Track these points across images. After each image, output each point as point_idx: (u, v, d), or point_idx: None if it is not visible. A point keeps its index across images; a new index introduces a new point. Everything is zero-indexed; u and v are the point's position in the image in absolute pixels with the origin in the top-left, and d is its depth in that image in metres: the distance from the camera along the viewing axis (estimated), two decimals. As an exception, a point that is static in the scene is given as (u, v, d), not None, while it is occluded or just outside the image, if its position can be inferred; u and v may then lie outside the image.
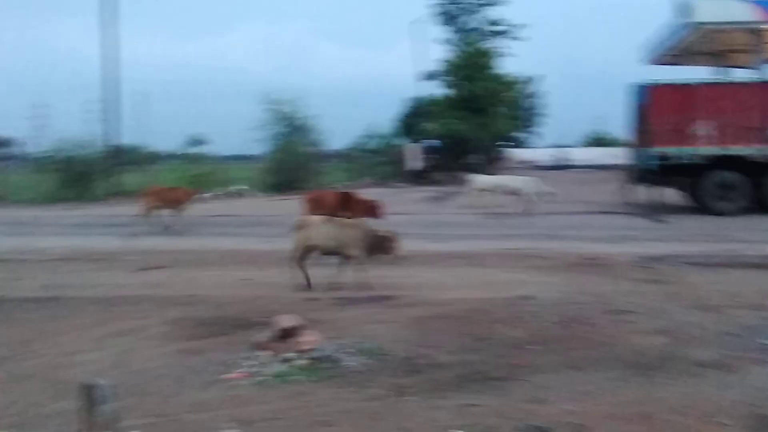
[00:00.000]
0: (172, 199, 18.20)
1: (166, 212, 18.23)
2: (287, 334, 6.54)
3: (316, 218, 10.53)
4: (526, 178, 21.09)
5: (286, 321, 6.66)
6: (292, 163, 32.48)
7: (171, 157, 46.48)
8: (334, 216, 13.42)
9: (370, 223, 10.85)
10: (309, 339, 6.57)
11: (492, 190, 21.24)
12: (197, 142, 39.35)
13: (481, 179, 22.69)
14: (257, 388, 5.84)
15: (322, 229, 10.07)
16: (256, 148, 38.74)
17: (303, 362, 6.29)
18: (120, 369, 6.44)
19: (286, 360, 6.32)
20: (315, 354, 6.40)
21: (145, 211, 17.97)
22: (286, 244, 14.53)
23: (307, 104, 37.66)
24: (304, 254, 10.22)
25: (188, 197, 18.59)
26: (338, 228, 10.08)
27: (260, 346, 6.57)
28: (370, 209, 14.56)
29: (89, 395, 4.15)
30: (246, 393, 5.75)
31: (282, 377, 6.04)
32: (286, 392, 5.73)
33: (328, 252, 10.26)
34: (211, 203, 26.31)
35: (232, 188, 31.27)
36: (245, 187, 31.89)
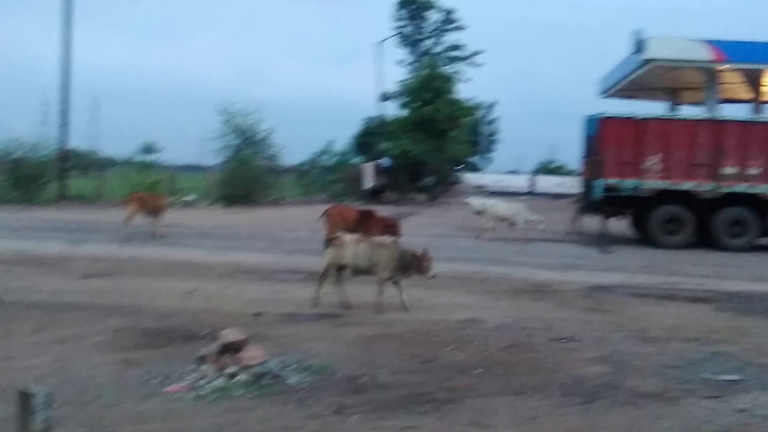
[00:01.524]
0: (155, 206, 18.21)
1: (147, 219, 18.23)
2: (231, 348, 6.46)
3: (350, 237, 10.31)
4: (518, 205, 21.15)
5: (231, 335, 6.59)
6: (246, 176, 32.19)
7: (122, 163, 45.88)
8: (354, 232, 13.44)
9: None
10: (253, 354, 6.51)
11: (486, 213, 21.22)
12: (149, 149, 38.90)
13: (478, 202, 22.80)
14: (198, 402, 5.77)
15: (356, 248, 9.91)
16: (210, 159, 38.45)
17: (245, 378, 6.22)
18: (59, 377, 6.31)
19: (228, 375, 6.24)
20: (258, 370, 6.33)
21: (129, 217, 17.87)
22: (234, 257, 14.53)
23: (264, 117, 37.51)
24: (334, 272, 10.06)
25: (167, 204, 18.71)
26: (372, 248, 9.93)
27: (203, 360, 6.49)
28: (388, 227, 14.50)
29: (25, 402, 4.04)
30: (186, 407, 5.67)
31: (223, 392, 5.97)
32: (227, 407, 5.67)
33: (359, 272, 10.08)
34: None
35: (184, 198, 30.91)
36: (195, 197, 31.54)
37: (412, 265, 9.79)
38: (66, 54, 30.38)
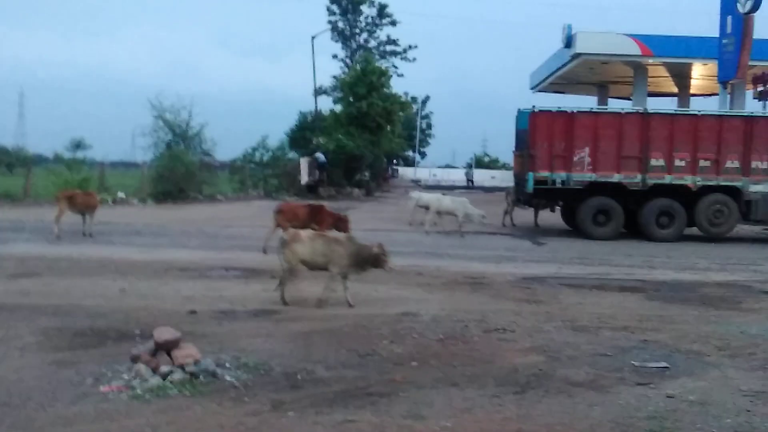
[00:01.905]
0: (87, 204, 17.84)
1: (78, 217, 17.78)
2: (165, 347, 6.38)
3: (305, 233, 10.24)
4: (461, 199, 21.23)
5: (164, 334, 6.50)
6: (178, 172, 31.70)
7: (50, 160, 44.75)
8: (305, 227, 13.57)
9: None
10: (187, 353, 6.43)
11: (429, 207, 21.27)
12: (78, 146, 37.98)
13: (420, 196, 22.87)
14: (132, 402, 5.68)
15: (312, 244, 9.83)
16: (141, 155, 37.79)
17: (180, 376, 6.15)
18: (-15, 380, 6.14)
19: (163, 374, 6.16)
20: (193, 368, 6.27)
21: (60, 215, 17.39)
22: (168, 255, 14.34)
23: (196, 112, 37.05)
24: (295, 269, 9.94)
25: (98, 202, 18.39)
26: (327, 244, 9.88)
27: (137, 359, 6.39)
28: (338, 221, 14.85)
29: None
30: (120, 407, 5.58)
31: (158, 391, 5.89)
32: (162, 407, 5.60)
33: (315, 267, 9.99)
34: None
35: (114, 195, 30.28)
36: (125, 194, 30.93)
37: (368, 260, 9.83)
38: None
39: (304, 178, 37.36)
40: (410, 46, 58.39)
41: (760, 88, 30.38)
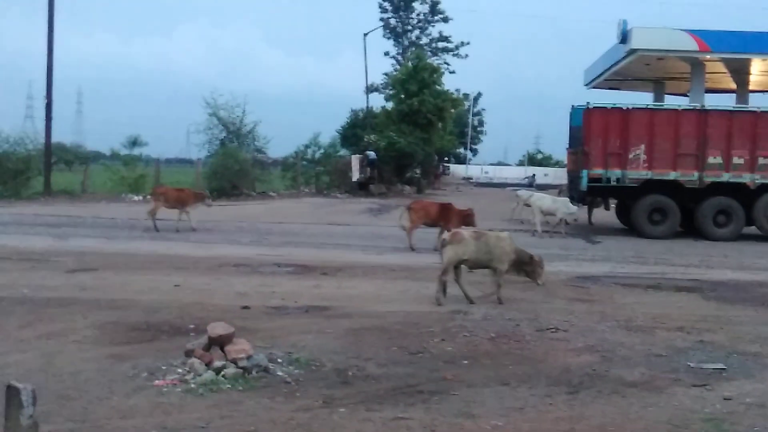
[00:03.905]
0: (180, 199, 18.47)
1: (174, 212, 18.51)
2: (218, 342, 6.46)
3: (467, 233, 10.38)
4: (563, 199, 21.11)
5: (218, 329, 6.57)
6: (232, 169, 32.08)
7: (107, 157, 45.58)
8: (436, 224, 15.32)
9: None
10: (240, 347, 6.49)
11: (534, 206, 21.21)
12: (135, 143, 38.54)
13: (528, 195, 22.88)
14: (186, 396, 5.76)
15: (476, 243, 9.95)
16: (196, 153, 38.29)
17: (233, 371, 6.21)
18: (46, 372, 6.29)
19: (216, 368, 6.23)
20: (245, 363, 6.32)
21: (154, 210, 18.23)
22: (221, 251, 14.51)
23: (250, 110, 37.40)
24: (456, 268, 10.07)
25: (197, 199, 18.94)
26: (491, 242, 10.02)
27: (190, 354, 6.47)
28: (466, 218, 15.59)
29: (12, 398, 4.03)
30: (174, 401, 5.65)
31: (211, 386, 5.96)
32: (215, 401, 5.67)
33: (477, 266, 10.18)
34: (146, 206, 25.85)
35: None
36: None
37: (526, 265, 10.11)
38: (50, 49, 30.11)
39: (355, 175, 37.45)
40: (462, 43, 58.20)
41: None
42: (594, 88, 41.20)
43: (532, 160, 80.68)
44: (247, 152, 35.68)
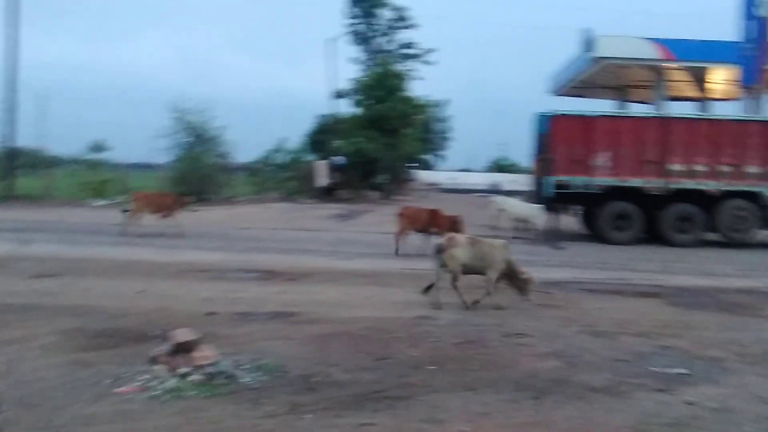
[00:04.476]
0: (162, 204, 18.62)
1: (153, 217, 18.65)
2: (183, 348, 6.40)
3: (462, 238, 10.49)
4: (535, 206, 21.20)
5: (182, 335, 6.52)
6: (197, 174, 31.90)
7: (71, 162, 45.05)
8: (425, 229, 15.70)
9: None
10: (205, 354, 6.45)
11: (509, 212, 21.21)
12: (99, 148, 38.22)
13: (502, 200, 22.93)
14: (150, 403, 5.70)
15: (472, 249, 10.08)
16: (161, 158, 37.97)
17: (198, 378, 6.17)
18: (7, 379, 6.19)
19: (180, 375, 6.18)
20: (210, 369, 6.28)
21: (134, 215, 18.29)
22: (186, 256, 14.39)
23: (215, 115, 37.18)
24: (455, 273, 10.12)
25: (178, 204, 19.08)
26: (485, 248, 10.17)
27: (155, 360, 6.41)
28: (453, 224, 15.79)
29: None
30: (138, 408, 5.59)
31: (176, 393, 5.90)
32: (180, 408, 5.61)
33: (471, 271, 10.23)
34: (110, 211, 25.60)
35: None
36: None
37: (517, 277, 10.22)
38: (12, 51, 29.73)
39: (322, 181, 37.40)
40: (429, 50, 58.27)
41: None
42: (559, 95, 41.60)
43: (498, 167, 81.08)
44: (213, 157, 35.47)
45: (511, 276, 10.27)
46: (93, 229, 18.87)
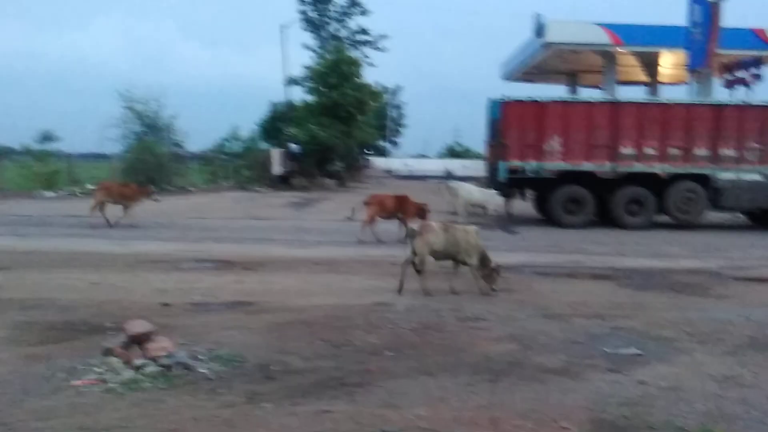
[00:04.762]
0: (125, 195, 18.45)
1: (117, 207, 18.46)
2: (138, 340, 6.35)
3: (436, 224, 10.48)
4: (491, 191, 21.19)
5: (137, 327, 6.47)
6: (149, 164, 31.49)
7: (19, 152, 44.08)
8: (392, 216, 15.88)
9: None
10: (160, 345, 6.40)
11: (464, 198, 21.16)
12: (47, 138, 37.46)
13: (458, 186, 22.85)
14: (105, 396, 5.64)
15: (445, 235, 10.10)
16: (112, 147, 37.40)
17: (154, 369, 6.12)
18: (-45, 376, 6.07)
19: (136, 367, 6.13)
20: (166, 361, 6.23)
21: (96, 206, 18.11)
22: (140, 247, 14.23)
23: (167, 103, 36.77)
24: (422, 259, 10.16)
25: (142, 194, 18.97)
26: (459, 234, 10.22)
27: (110, 353, 6.35)
28: (420, 211, 16.14)
29: None
30: (93, 401, 5.53)
31: (131, 385, 5.85)
32: (136, 400, 5.57)
33: (445, 257, 10.33)
34: (60, 203, 25.19)
35: (84, 188, 29.96)
36: (95, 187, 30.57)
37: (483, 265, 10.30)
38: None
39: (277, 169, 37.21)
40: (381, 36, 58.26)
41: (728, 77, 30.69)
42: (511, 81, 41.92)
43: (452, 153, 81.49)
44: (165, 146, 35.05)
45: (484, 260, 10.35)
46: (44, 221, 18.53)
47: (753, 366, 6.90)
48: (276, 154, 37.83)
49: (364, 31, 57.84)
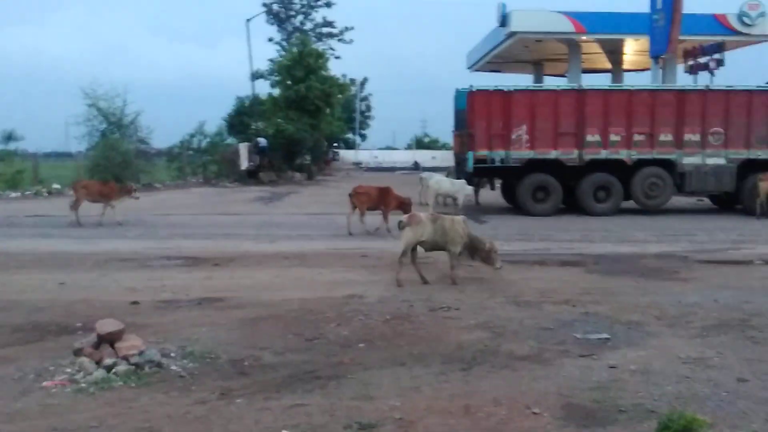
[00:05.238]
0: (104, 193, 18.37)
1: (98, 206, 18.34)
2: (108, 339, 6.30)
3: (424, 215, 10.58)
4: (460, 181, 21.18)
5: (108, 326, 6.41)
6: (114, 161, 31.10)
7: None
8: (376, 207, 16.03)
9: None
10: (131, 344, 6.36)
11: (433, 188, 21.10)
12: (9, 137, 36.95)
13: (428, 176, 22.81)
14: (76, 396, 5.60)
15: (432, 225, 10.19)
16: (75, 146, 36.93)
17: (125, 368, 6.08)
18: None
19: (106, 366, 6.08)
20: (137, 359, 6.19)
21: (77, 205, 18.01)
22: (108, 246, 14.09)
23: (131, 100, 36.29)
24: (413, 250, 10.34)
25: (122, 192, 18.90)
26: (447, 224, 10.26)
27: (79, 353, 6.29)
28: (402, 204, 16.20)
29: None
30: (64, 401, 5.49)
31: (103, 384, 5.81)
32: (107, 399, 5.53)
33: (434, 248, 10.45)
34: (25, 202, 24.86)
35: (50, 187, 29.58)
36: (60, 186, 30.18)
37: (480, 251, 10.36)
38: None
39: (244, 164, 37.00)
40: (347, 28, 58.06)
41: (691, 62, 31.03)
42: (476, 71, 42.11)
43: (419, 144, 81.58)
44: (130, 143, 34.65)
45: (474, 249, 10.42)
46: (8, 221, 18.28)
47: (721, 348, 7.02)
48: (243, 149, 37.56)
49: (329, 24, 57.62)
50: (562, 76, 38.20)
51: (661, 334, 7.55)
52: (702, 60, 30.16)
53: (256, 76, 44.06)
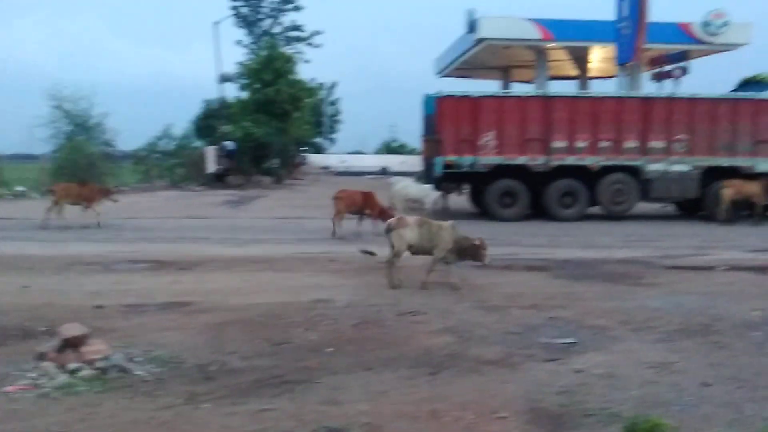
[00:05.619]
0: (84, 195, 18.28)
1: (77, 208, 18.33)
2: (72, 343, 6.22)
3: (411, 219, 10.61)
4: (428, 186, 21.13)
5: (72, 330, 6.33)
6: (79, 164, 30.70)
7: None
8: (359, 212, 16.15)
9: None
10: (95, 348, 6.29)
11: (401, 193, 21.01)
12: (-28, 139, 36.31)
13: (396, 181, 22.69)
14: (40, 401, 5.52)
15: (419, 230, 10.23)
16: (40, 147, 36.42)
17: (89, 372, 6.01)
18: None
19: (70, 371, 6.01)
20: (102, 364, 6.13)
21: (57, 208, 17.91)
22: (72, 249, 13.91)
23: (96, 102, 35.89)
24: (398, 253, 10.38)
25: (102, 194, 18.84)
26: (433, 229, 10.28)
27: (43, 357, 6.21)
28: (383, 210, 16.40)
29: None
30: (27, 407, 5.41)
31: (67, 389, 5.74)
32: (72, 404, 5.46)
33: (420, 252, 10.46)
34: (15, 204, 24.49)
35: (13, 189, 29.16)
36: (24, 188, 29.77)
37: (468, 250, 10.28)
38: None
39: (212, 167, 36.77)
40: (316, 32, 58.00)
41: (656, 70, 31.40)
42: (445, 76, 42.16)
43: (388, 149, 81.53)
44: (95, 146, 34.27)
45: (462, 250, 10.37)
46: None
47: (685, 352, 7.11)
48: (210, 152, 37.32)
49: (297, 27, 57.52)
50: (530, 82, 38.43)
51: (626, 339, 7.63)
52: (667, 68, 30.54)
53: (223, 79, 43.80)
